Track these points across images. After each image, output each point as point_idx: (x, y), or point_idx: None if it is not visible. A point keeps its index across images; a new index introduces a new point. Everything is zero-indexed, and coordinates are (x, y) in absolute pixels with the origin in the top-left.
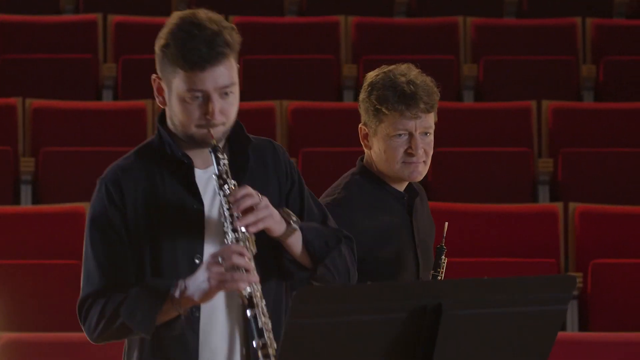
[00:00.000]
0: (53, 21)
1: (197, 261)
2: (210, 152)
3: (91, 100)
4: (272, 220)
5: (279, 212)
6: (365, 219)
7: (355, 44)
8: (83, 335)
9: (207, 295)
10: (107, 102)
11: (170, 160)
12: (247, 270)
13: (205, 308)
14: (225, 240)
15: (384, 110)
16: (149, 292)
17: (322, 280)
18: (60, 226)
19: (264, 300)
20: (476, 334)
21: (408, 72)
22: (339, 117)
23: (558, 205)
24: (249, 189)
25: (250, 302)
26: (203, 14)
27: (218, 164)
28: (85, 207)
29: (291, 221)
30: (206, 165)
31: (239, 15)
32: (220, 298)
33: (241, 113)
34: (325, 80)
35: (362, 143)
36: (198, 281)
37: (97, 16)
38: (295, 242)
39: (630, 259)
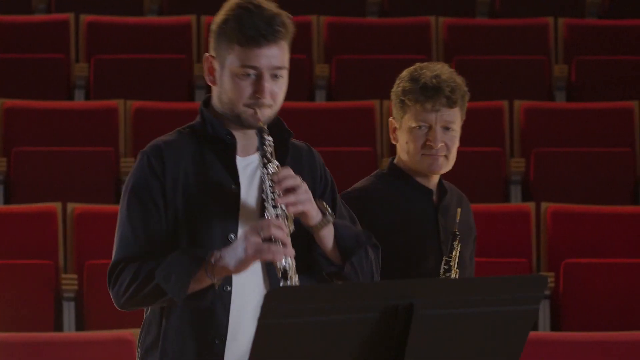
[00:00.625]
0: (25, 21)
1: (231, 238)
2: (257, 133)
3: (63, 100)
4: (311, 205)
5: (316, 202)
6: (379, 210)
7: (327, 43)
8: (55, 335)
9: (243, 264)
10: (79, 102)
11: (212, 140)
12: (283, 244)
13: (236, 285)
14: (265, 216)
15: (406, 101)
16: (185, 257)
17: (347, 279)
18: (32, 226)
19: (297, 275)
20: (448, 333)
21: (436, 67)
22: (311, 116)
23: (530, 205)
24: (291, 171)
25: (284, 275)
26: None
27: (263, 143)
28: (58, 208)
29: (327, 212)
30: (246, 153)
31: (209, 15)
32: (252, 276)
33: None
34: (298, 80)
35: (391, 137)
36: (235, 250)
37: (69, 16)
38: (328, 235)
39: (602, 258)
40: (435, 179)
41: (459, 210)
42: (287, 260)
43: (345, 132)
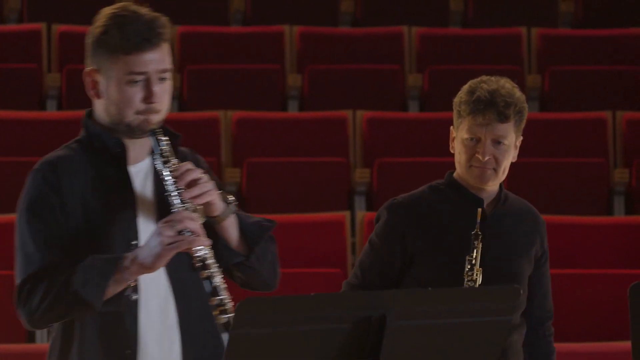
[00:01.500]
0: None
1: (133, 244)
2: (151, 136)
3: (35, 110)
4: (216, 194)
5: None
6: (427, 220)
7: (300, 53)
8: (17, 347)
9: (160, 258)
10: (51, 112)
11: (101, 151)
12: (198, 235)
13: (143, 293)
14: (172, 211)
15: (461, 112)
16: (99, 261)
17: (251, 270)
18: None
19: (216, 264)
20: (420, 344)
21: (497, 82)
22: (284, 127)
23: None
24: (191, 164)
25: (203, 265)
26: (133, 5)
27: (159, 144)
28: None
29: (229, 202)
30: (135, 161)
31: (183, 25)
32: (157, 284)
33: (186, 123)
34: (270, 90)
35: (450, 146)
36: (150, 246)
37: (42, 26)
38: (232, 225)
39: (576, 269)
40: (491, 190)
41: (479, 210)
42: (204, 250)
43: (318, 143)
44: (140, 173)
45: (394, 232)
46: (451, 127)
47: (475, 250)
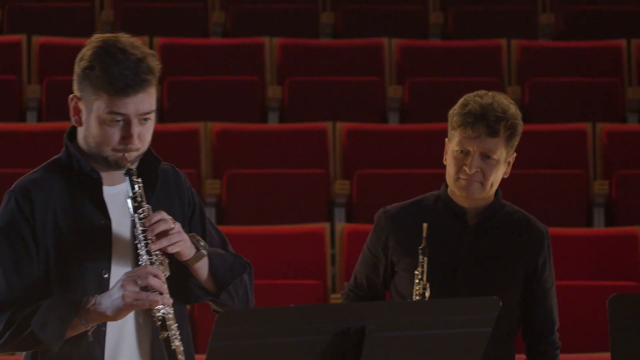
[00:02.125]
0: None
1: (105, 276)
2: (126, 175)
3: (15, 121)
4: (184, 245)
5: (189, 237)
6: (412, 231)
7: (280, 65)
8: None
9: (120, 312)
10: (31, 123)
11: (79, 175)
12: (161, 293)
13: (113, 323)
14: (139, 262)
15: (453, 124)
16: (60, 304)
17: (222, 305)
18: None
19: (176, 324)
20: (400, 356)
21: (492, 96)
22: (264, 138)
23: None
24: (163, 214)
25: (163, 325)
26: (125, 38)
27: (133, 187)
28: None
29: (200, 247)
30: (113, 183)
31: (163, 37)
32: (129, 315)
33: (166, 134)
34: (250, 101)
35: (443, 157)
36: (112, 298)
37: (22, 37)
38: (202, 267)
39: (556, 281)
40: (479, 201)
41: (424, 225)
42: (165, 309)
43: (297, 154)
44: (118, 196)
45: (379, 241)
46: (446, 139)
47: (421, 265)
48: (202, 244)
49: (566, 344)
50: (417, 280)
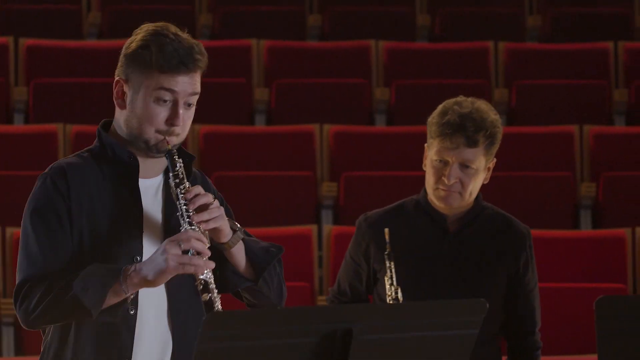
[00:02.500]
0: None
1: (136, 260)
2: (167, 156)
3: (2, 124)
4: (224, 221)
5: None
6: (392, 237)
7: (267, 67)
8: None
9: (163, 274)
10: (18, 125)
11: (114, 163)
12: (204, 256)
13: (140, 308)
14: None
15: (432, 134)
16: (101, 269)
17: (259, 294)
18: None
19: (216, 288)
20: (387, 358)
21: (470, 104)
22: (251, 141)
23: None
24: (202, 189)
25: (205, 288)
26: (174, 27)
27: (174, 166)
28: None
29: (236, 228)
30: (147, 176)
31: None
32: (155, 300)
33: None
34: (238, 104)
35: (423, 163)
36: (154, 262)
37: (9, 39)
38: (240, 251)
39: (542, 283)
40: (459, 208)
41: (386, 230)
42: (207, 273)
43: (285, 156)
44: (150, 189)
45: (360, 248)
46: (425, 145)
47: (389, 269)
48: (238, 226)
49: (553, 346)
50: (388, 286)
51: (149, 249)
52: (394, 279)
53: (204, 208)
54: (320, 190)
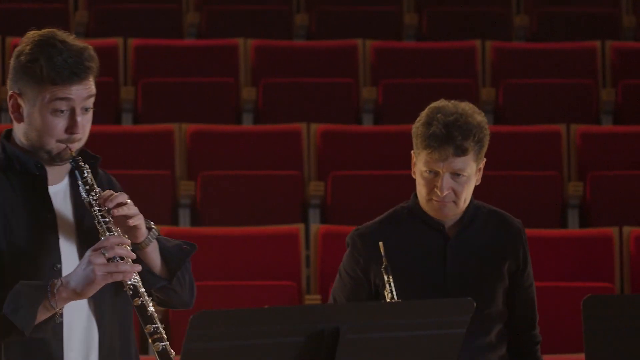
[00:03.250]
0: None
1: (57, 267)
2: (72, 164)
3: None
4: (141, 219)
5: None
6: (388, 250)
7: (254, 66)
8: None
9: (91, 286)
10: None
11: (21, 173)
12: (128, 261)
13: (66, 316)
14: (101, 238)
15: (418, 145)
16: (28, 288)
17: (172, 292)
18: None
19: (143, 289)
20: (374, 358)
21: (454, 108)
22: (238, 140)
23: None
24: (113, 192)
25: (135, 292)
26: (61, 33)
27: (82, 173)
28: None
29: (151, 226)
30: (54, 182)
31: (137, 38)
32: (79, 305)
33: (140, 136)
34: (225, 103)
35: (411, 171)
36: (81, 274)
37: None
38: (154, 251)
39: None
40: (454, 215)
41: (380, 243)
42: (135, 277)
43: (272, 156)
44: (58, 194)
45: (358, 265)
46: (412, 152)
47: (388, 284)
48: (152, 224)
49: (541, 344)
50: (388, 300)
51: (66, 255)
52: (394, 292)
53: (120, 206)
54: (307, 190)
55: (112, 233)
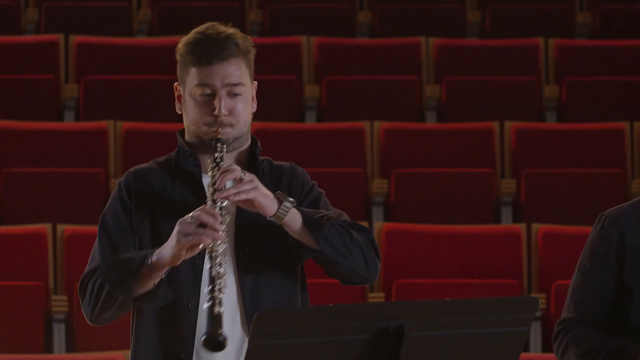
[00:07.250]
0: None
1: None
2: (214, 143)
3: (52, 121)
4: (257, 192)
5: (273, 194)
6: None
7: (317, 64)
8: (45, 357)
9: (174, 250)
10: (68, 122)
11: (182, 170)
12: (213, 229)
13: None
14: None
15: None
16: (127, 258)
17: (337, 265)
18: (22, 247)
19: (226, 257)
20: (438, 355)
21: None
22: (301, 137)
23: (521, 226)
24: (233, 166)
25: (212, 257)
26: (219, 25)
27: (216, 150)
28: (48, 229)
29: (285, 200)
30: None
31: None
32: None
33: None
34: (288, 101)
35: None
36: (169, 242)
37: (59, 37)
38: (293, 222)
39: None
40: None
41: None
42: (217, 244)
43: (335, 153)
44: None
45: (607, 255)
46: None
47: None
48: (289, 199)
49: None
50: None
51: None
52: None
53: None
54: (370, 187)
55: (215, 205)
